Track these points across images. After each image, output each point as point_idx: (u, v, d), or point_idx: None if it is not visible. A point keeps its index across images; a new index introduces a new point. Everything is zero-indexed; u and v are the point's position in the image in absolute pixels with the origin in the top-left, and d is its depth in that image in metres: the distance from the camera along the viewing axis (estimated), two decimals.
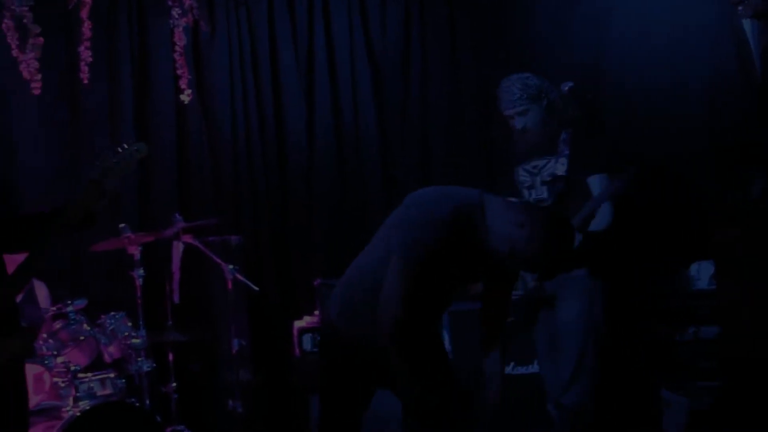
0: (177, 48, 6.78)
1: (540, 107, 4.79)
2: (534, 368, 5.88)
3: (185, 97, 6.79)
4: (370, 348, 3.47)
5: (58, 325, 5.54)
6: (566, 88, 4.89)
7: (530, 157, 4.92)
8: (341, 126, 7.20)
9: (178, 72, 6.79)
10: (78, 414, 5.16)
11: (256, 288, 6.14)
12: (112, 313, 5.74)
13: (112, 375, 5.62)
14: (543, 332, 4.95)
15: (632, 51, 6.52)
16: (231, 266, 6.07)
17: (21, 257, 3.17)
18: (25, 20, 6.30)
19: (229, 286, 6.11)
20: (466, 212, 3.35)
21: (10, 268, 3.20)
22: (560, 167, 4.79)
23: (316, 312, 6.34)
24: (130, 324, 5.74)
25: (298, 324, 6.30)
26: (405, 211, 3.44)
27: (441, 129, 7.28)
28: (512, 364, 6.08)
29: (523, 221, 3.30)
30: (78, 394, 5.41)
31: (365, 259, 3.58)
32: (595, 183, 4.77)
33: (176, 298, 6.13)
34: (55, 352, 5.39)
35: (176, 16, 6.74)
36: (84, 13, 6.53)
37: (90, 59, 6.57)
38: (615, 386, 5.61)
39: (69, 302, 5.52)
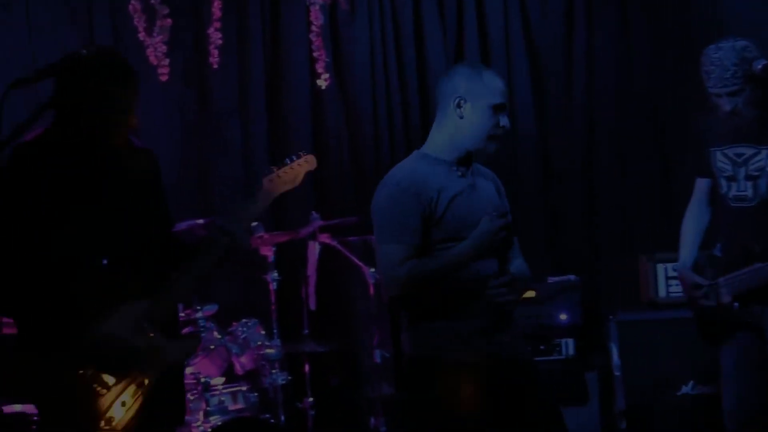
0: (313, 28, 6.76)
1: (755, 85, 4.32)
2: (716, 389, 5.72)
3: (322, 82, 6.78)
4: (448, 370, 3.54)
5: (186, 332, 5.54)
6: (759, 66, 4.53)
7: (735, 141, 4.52)
8: None
9: (315, 54, 6.77)
10: (209, 430, 5.19)
11: None
12: (244, 320, 5.77)
13: (244, 388, 5.62)
14: (733, 353, 4.68)
15: None
16: (373, 269, 6.03)
17: None
18: (152, 1, 6.40)
19: (371, 290, 6.08)
20: (410, 172, 3.62)
21: None
22: None
23: None
24: (263, 332, 5.75)
25: None
26: (373, 206, 3.69)
27: (608, 118, 7.10)
28: (691, 383, 5.90)
29: (455, 106, 3.64)
30: (209, 408, 5.40)
31: None
32: None
33: (313, 305, 6.12)
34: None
35: None
36: None
37: (220, 42, 6.62)
38: None
39: (198, 308, 5.54)
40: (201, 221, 5.70)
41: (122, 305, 3.15)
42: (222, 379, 5.66)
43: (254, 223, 5.71)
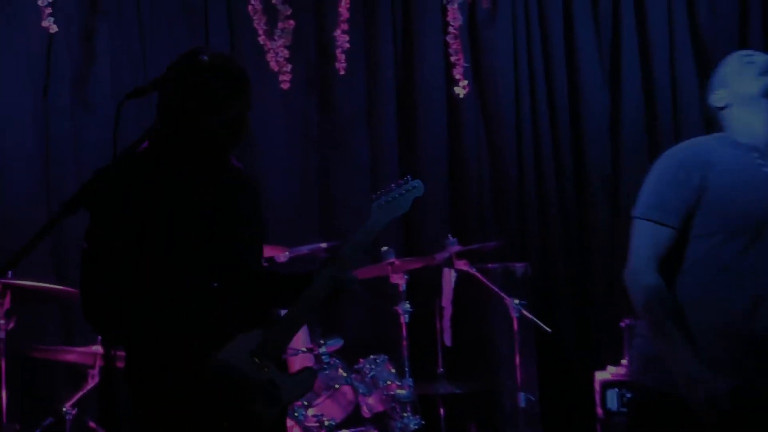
0: (451, 29, 6.71)
1: None
2: None
3: (460, 90, 6.72)
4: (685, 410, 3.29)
5: (301, 367, 5.52)
6: None
7: None
8: (656, 123, 6.98)
9: (452, 59, 6.72)
10: None
11: (548, 329, 5.96)
12: (372, 356, 5.72)
13: None
14: None
15: None
16: (516, 301, 5.92)
17: None
18: (274, 0, 6.43)
19: (515, 325, 5.95)
20: (694, 144, 3.53)
21: None
22: None
23: (624, 361, 6.13)
24: (393, 371, 5.69)
25: (601, 376, 6.08)
26: (648, 176, 3.57)
27: None
28: None
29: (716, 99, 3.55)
30: None
31: None
32: None
33: (448, 340, 6.07)
34: (306, 403, 5.35)
35: None
36: None
37: (347, 45, 6.59)
38: None
39: (321, 342, 5.50)
40: (324, 245, 5.69)
41: (236, 334, 3.17)
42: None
43: (385, 248, 5.70)
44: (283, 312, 3.34)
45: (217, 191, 3.28)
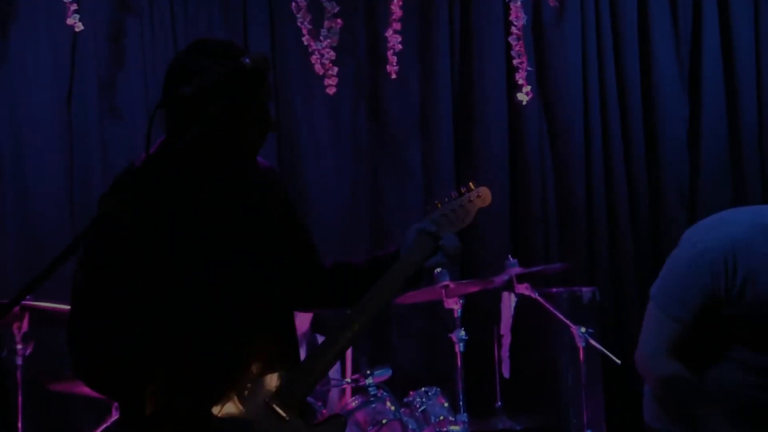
0: (513, 30, 6.62)
1: None
2: None
3: (523, 96, 6.64)
4: None
5: (353, 402, 5.46)
6: None
7: None
8: (739, 136, 6.93)
9: (515, 62, 6.63)
10: None
11: (618, 360, 5.86)
12: (424, 388, 5.65)
13: None
14: None
15: None
16: (583, 329, 5.83)
17: None
18: None
19: (581, 356, 5.86)
20: (729, 234, 3.25)
21: None
22: None
23: None
24: (446, 405, 5.62)
25: None
26: (673, 252, 3.45)
27: None
28: None
29: None
30: None
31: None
32: None
33: (507, 371, 6.07)
34: None
35: None
36: None
37: (399, 47, 6.51)
38: None
39: (368, 372, 5.46)
40: None
41: (251, 379, 2.96)
42: None
43: (438, 270, 5.59)
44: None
45: (248, 196, 3.11)
